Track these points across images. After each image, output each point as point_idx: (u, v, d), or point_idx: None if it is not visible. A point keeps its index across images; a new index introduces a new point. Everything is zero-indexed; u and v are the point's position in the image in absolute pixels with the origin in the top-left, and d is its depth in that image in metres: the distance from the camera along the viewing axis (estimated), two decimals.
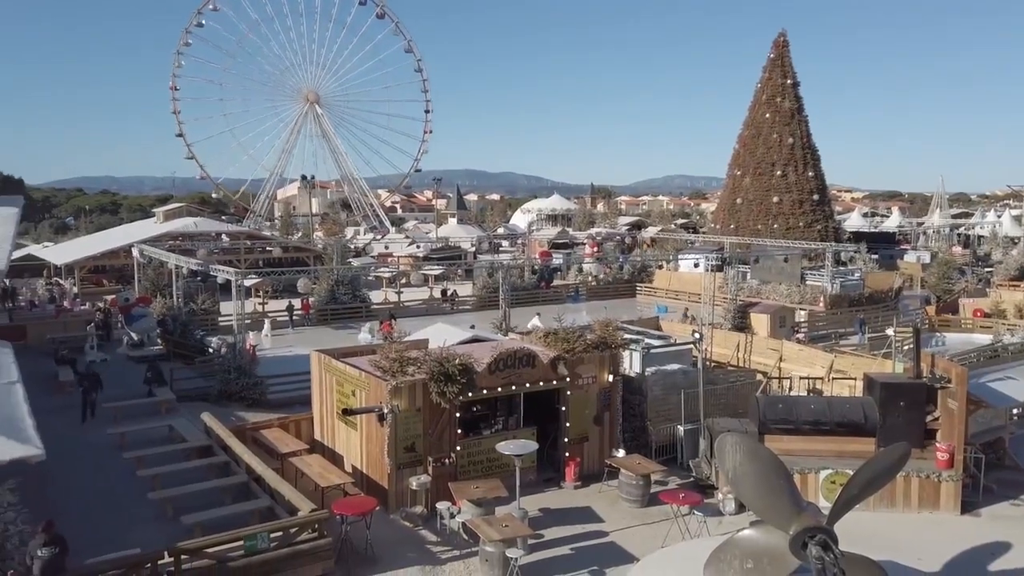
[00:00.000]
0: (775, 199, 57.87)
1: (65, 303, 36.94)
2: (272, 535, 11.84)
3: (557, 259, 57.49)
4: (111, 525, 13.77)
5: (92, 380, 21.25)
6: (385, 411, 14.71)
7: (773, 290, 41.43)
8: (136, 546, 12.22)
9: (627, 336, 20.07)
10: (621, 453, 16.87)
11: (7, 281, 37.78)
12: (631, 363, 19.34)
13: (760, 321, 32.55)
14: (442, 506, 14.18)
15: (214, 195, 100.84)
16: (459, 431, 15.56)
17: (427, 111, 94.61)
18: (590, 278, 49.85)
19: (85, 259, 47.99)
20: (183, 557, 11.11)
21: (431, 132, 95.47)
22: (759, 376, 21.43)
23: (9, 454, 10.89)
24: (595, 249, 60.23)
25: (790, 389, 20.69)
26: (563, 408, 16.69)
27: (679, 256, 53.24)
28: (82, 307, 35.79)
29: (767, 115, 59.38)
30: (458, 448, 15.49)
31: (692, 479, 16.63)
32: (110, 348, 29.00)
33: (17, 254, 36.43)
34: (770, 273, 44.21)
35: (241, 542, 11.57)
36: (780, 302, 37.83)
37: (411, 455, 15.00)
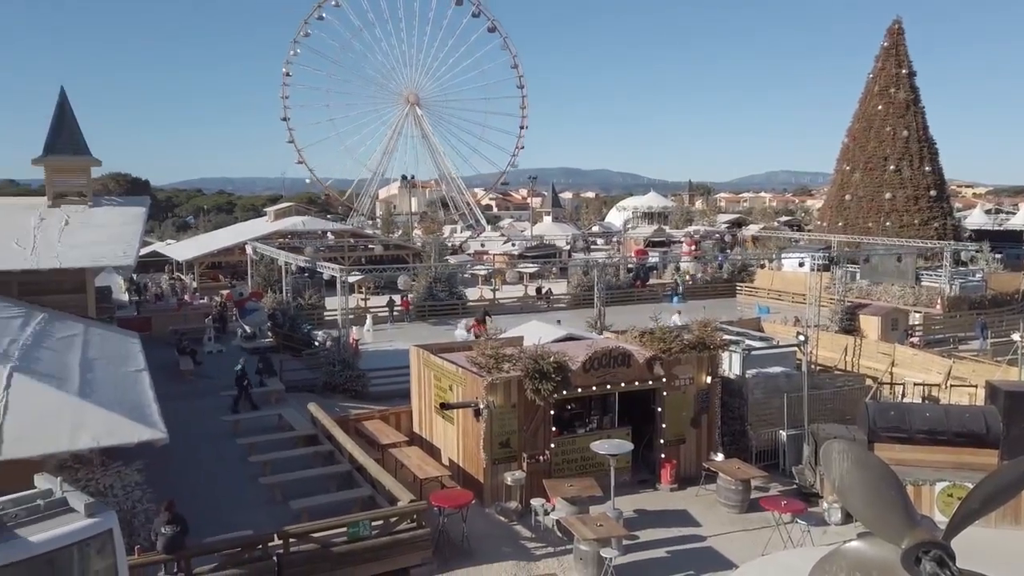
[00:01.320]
0: (887, 195, 54.83)
1: (186, 297, 39.41)
2: (374, 523, 12.28)
3: (653, 257, 56.60)
4: (226, 506, 14.61)
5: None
6: (481, 406, 14.95)
7: (885, 291, 39.29)
8: (248, 527, 12.91)
9: (726, 337, 19.58)
10: (720, 457, 16.49)
11: (135, 276, 40.72)
12: (731, 365, 18.87)
13: (870, 324, 31.00)
14: (536, 503, 14.28)
15: (322, 197, 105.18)
16: (553, 429, 15.63)
17: (523, 106, 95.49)
18: (687, 277, 48.83)
19: (203, 255, 50.96)
20: (291, 540, 11.69)
21: (527, 127, 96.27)
22: (868, 381, 20.44)
23: (137, 437, 11.78)
24: (693, 247, 58.91)
25: (903, 396, 19.64)
26: (659, 409, 16.46)
27: (782, 255, 51.33)
28: (201, 301, 38.09)
29: (879, 107, 56.29)
30: (552, 446, 15.56)
31: (795, 486, 16.07)
32: (225, 340, 30.75)
33: (144, 251, 39.06)
34: (882, 273, 41.95)
35: (344, 529, 12.05)
36: (892, 304, 35.87)
37: (506, 451, 15.18)
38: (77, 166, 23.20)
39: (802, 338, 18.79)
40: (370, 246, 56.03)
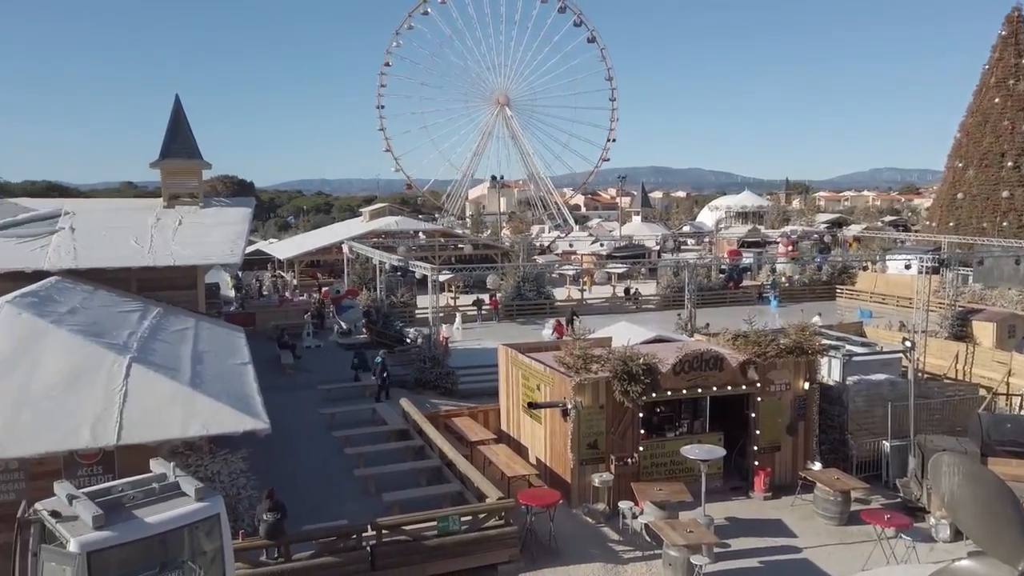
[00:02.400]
0: (1005, 194, 51.19)
1: (287, 294, 41.14)
2: (463, 519, 12.49)
3: (747, 258, 54.94)
4: (322, 496, 15.20)
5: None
6: (569, 407, 14.95)
7: (1001, 295, 36.72)
8: (343, 517, 13.40)
9: (825, 341, 18.83)
10: (817, 466, 15.88)
11: (240, 273, 42.82)
12: (830, 371, 18.13)
13: (984, 330, 29.06)
14: (624, 505, 14.16)
15: (419, 200, 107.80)
16: (642, 431, 15.45)
17: (612, 98, 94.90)
18: (783, 279, 47.18)
19: (303, 254, 53.05)
20: (384, 532, 12.04)
21: (618, 119, 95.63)
22: (982, 391, 19.22)
23: (242, 426, 12.40)
24: (790, 248, 56.86)
25: (1020, 407, 18.33)
26: (753, 415, 16.00)
27: (887, 256, 48.83)
28: (300, 298, 39.67)
29: (996, 100, 52.61)
30: (641, 448, 15.38)
31: (899, 500, 15.29)
32: (323, 335, 31.94)
33: (248, 249, 40.80)
34: (997, 277, 39.24)
35: (435, 523, 12.31)
36: (1009, 309, 33.51)
37: (594, 452, 15.11)
38: (190, 169, 24.64)
39: (908, 344, 17.83)
40: (460, 246, 56.86)
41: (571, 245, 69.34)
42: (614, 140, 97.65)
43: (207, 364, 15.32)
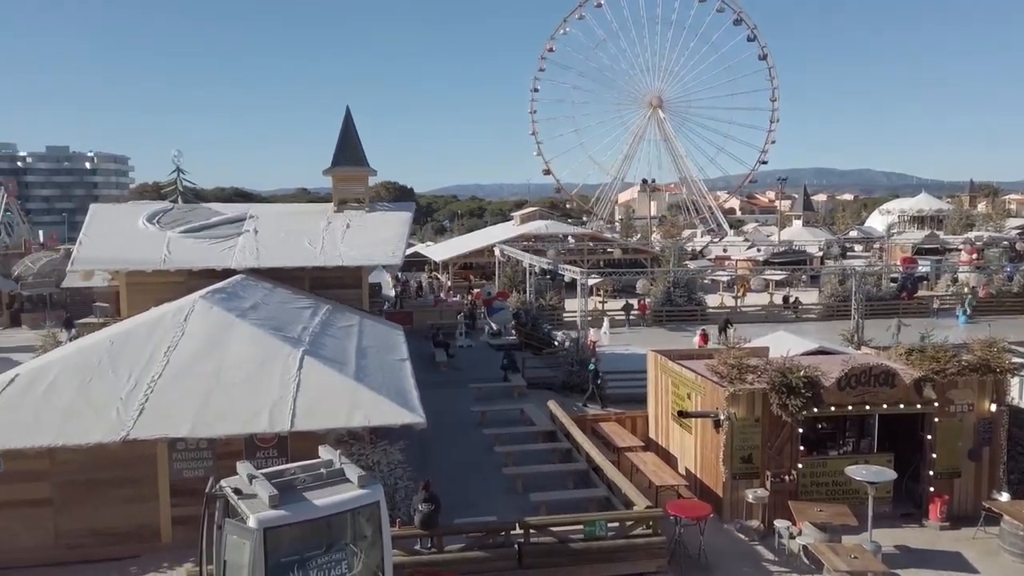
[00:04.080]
0: None
1: (441, 294, 42.77)
2: (610, 524, 12.41)
3: (923, 266, 50.56)
4: (472, 491, 15.61)
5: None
6: (721, 417, 14.45)
7: None
8: (491, 514, 13.69)
9: (1016, 360, 16.94)
10: (1004, 497, 14.33)
11: (400, 274, 45.00)
12: (1021, 392, 16.30)
13: None
14: (781, 524, 13.47)
15: (568, 206, 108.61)
16: (801, 448, 14.62)
17: (773, 98, 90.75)
18: (966, 289, 42.97)
19: (457, 257, 54.96)
20: (531, 531, 12.20)
21: (778, 120, 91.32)
22: None
23: (400, 419, 13.05)
24: (974, 256, 51.68)
25: None
26: (928, 437, 14.69)
27: None
28: (454, 299, 41.08)
29: None
30: (799, 466, 14.56)
31: None
32: (474, 335, 32.90)
33: (407, 251, 42.59)
34: None
35: (581, 526, 12.32)
36: None
37: (747, 466, 14.50)
38: (357, 176, 26.30)
39: None
40: (608, 249, 56.59)
41: (725, 250, 67.06)
42: (773, 142, 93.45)
43: (370, 359, 16.25)
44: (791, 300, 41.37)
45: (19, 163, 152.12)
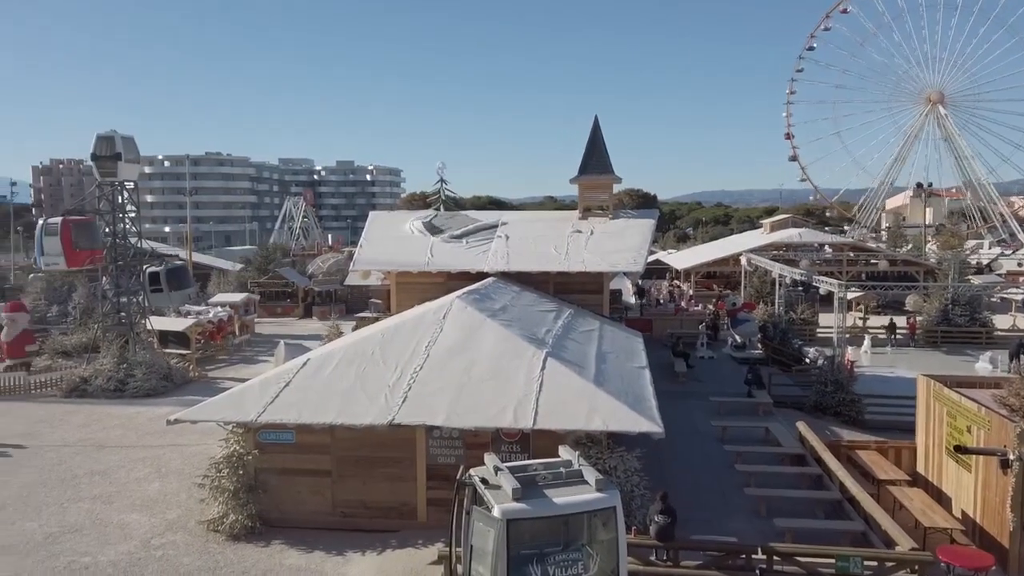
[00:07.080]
0: None
1: (682, 303, 41.94)
2: (867, 562, 11.30)
3: None
4: (710, 508, 15.06)
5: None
6: (1011, 457, 12.47)
7: None
8: (730, 534, 13.12)
9: None
10: None
11: (640, 281, 44.92)
12: None
13: None
14: None
15: (828, 214, 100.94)
16: None
17: None
18: None
19: (699, 265, 53.52)
20: (775, 558, 11.50)
21: None
22: None
23: (638, 427, 13.00)
24: None
25: None
26: None
27: None
28: (696, 308, 40.09)
29: None
30: None
31: None
32: (716, 347, 31.79)
33: (649, 259, 42.30)
34: None
35: (833, 560, 11.36)
36: None
37: None
38: (603, 184, 26.71)
39: None
40: (873, 261, 51.58)
41: (1020, 264, 57.85)
42: None
43: (609, 364, 16.42)
44: None
45: (315, 176, 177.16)
